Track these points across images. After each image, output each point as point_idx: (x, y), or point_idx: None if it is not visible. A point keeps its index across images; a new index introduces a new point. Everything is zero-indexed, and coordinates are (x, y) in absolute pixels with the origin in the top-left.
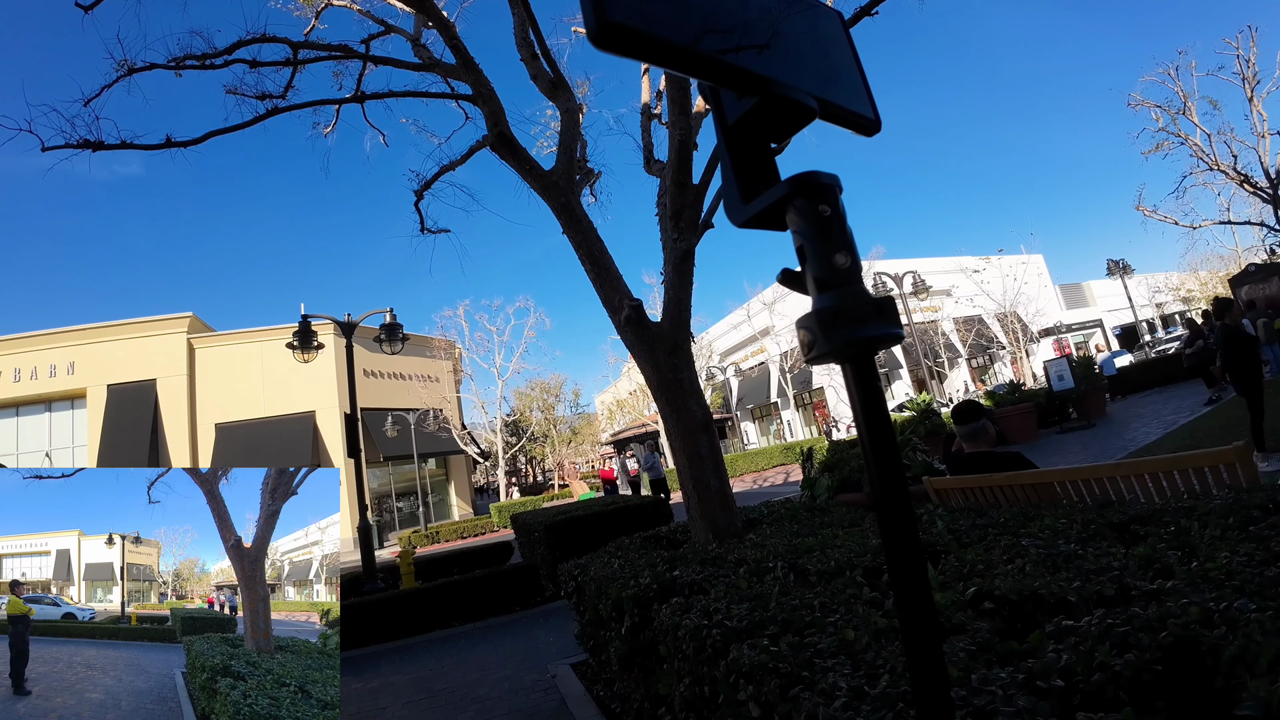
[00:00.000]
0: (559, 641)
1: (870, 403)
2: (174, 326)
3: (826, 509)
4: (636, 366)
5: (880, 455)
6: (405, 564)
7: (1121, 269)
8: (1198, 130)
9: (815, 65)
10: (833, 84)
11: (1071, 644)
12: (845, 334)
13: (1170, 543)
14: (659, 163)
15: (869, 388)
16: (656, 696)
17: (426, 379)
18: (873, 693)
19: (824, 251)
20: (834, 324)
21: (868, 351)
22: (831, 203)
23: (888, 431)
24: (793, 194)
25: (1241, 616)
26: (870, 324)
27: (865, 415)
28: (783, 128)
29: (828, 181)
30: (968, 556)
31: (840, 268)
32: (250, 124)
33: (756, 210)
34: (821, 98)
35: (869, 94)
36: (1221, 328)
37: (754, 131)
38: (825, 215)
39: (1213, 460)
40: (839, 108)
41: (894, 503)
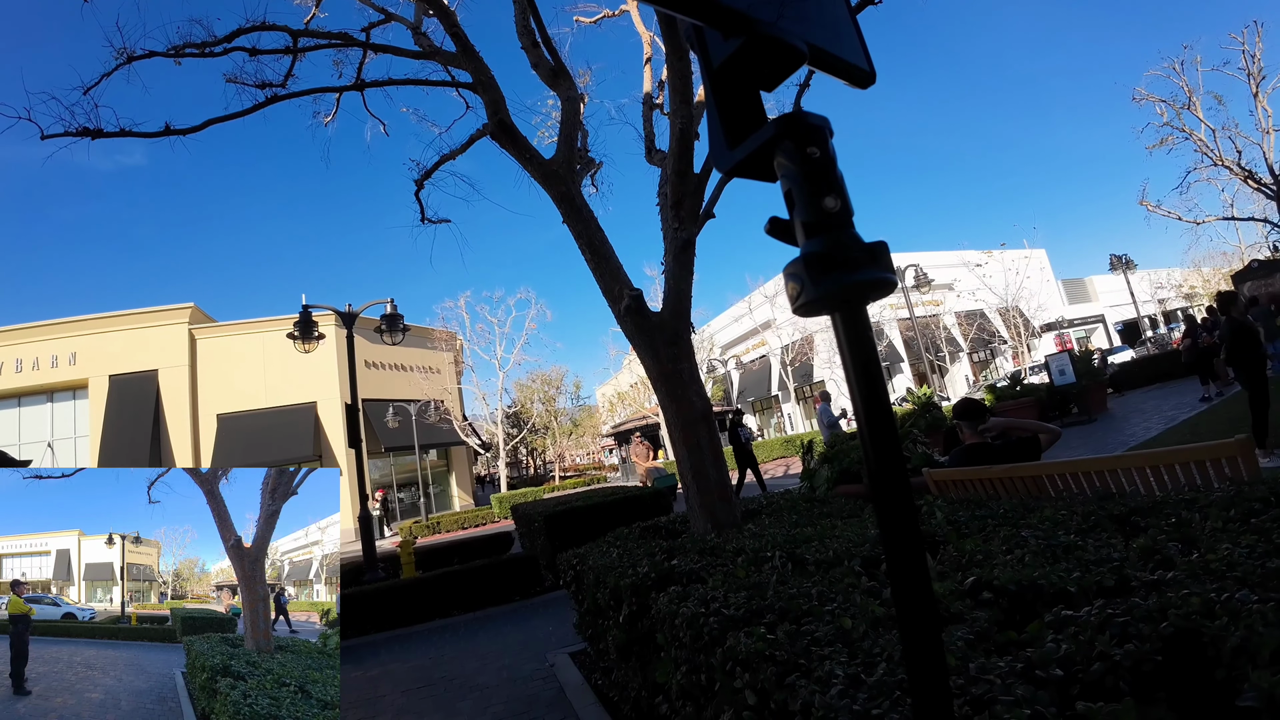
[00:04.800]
0: (558, 631)
1: (861, 355)
2: (175, 317)
3: (826, 500)
4: (637, 358)
5: (872, 413)
6: (406, 554)
7: (1124, 264)
8: (1202, 125)
9: (807, 9)
10: (824, 31)
11: (1071, 634)
12: (835, 279)
13: (1171, 534)
14: (660, 153)
15: (860, 339)
16: (654, 685)
17: (427, 370)
18: (869, 681)
19: (812, 195)
20: (823, 269)
21: (859, 298)
22: (820, 145)
23: (879, 385)
24: (780, 135)
25: (1243, 608)
26: (863, 269)
27: (856, 369)
28: (771, 72)
29: (817, 123)
30: (966, 547)
31: (830, 210)
32: (250, 112)
33: (743, 155)
34: (812, 43)
35: (863, 45)
36: (1228, 321)
37: (741, 75)
38: (814, 157)
39: (1214, 454)
40: (831, 55)
41: (887, 458)
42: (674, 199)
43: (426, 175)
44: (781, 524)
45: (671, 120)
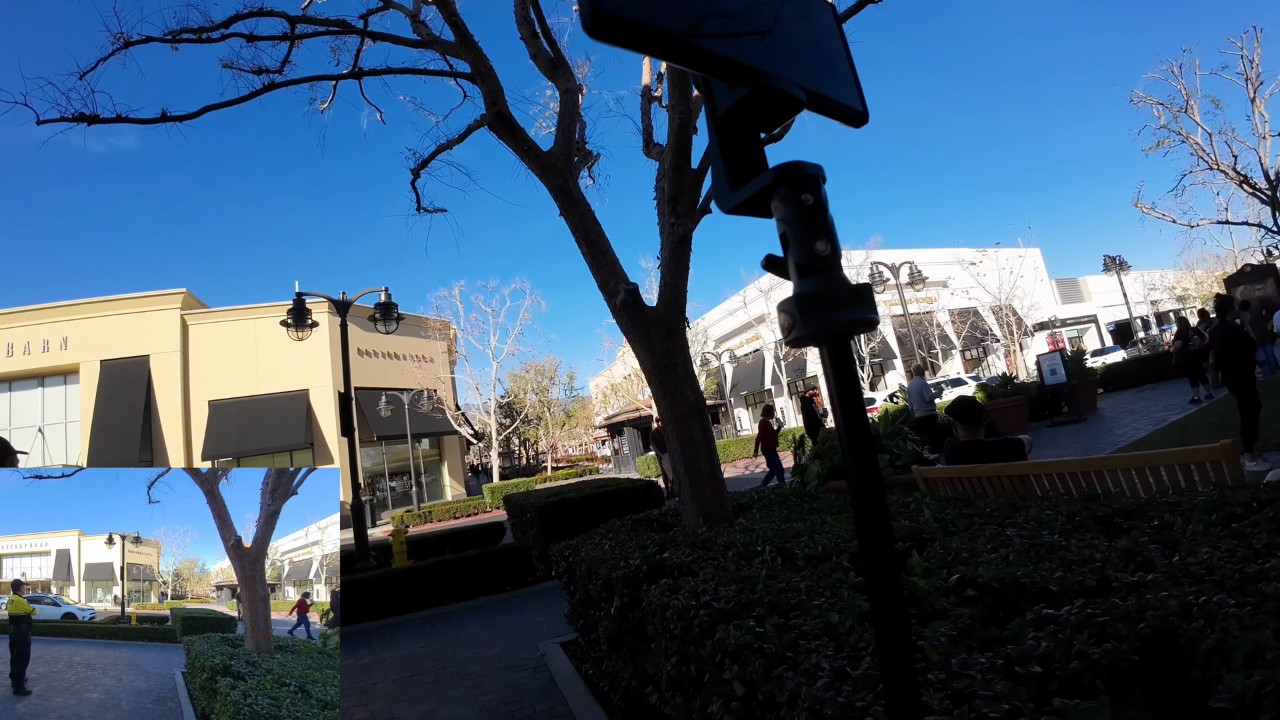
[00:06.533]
0: (549, 621)
1: (845, 384)
2: (168, 303)
3: (816, 496)
4: (631, 351)
5: (853, 433)
6: (398, 543)
7: (1118, 265)
8: (1199, 129)
9: (805, 57)
10: (822, 75)
11: (1051, 632)
12: (823, 318)
13: (1153, 537)
14: (658, 146)
15: (844, 370)
16: (644, 675)
17: (421, 359)
18: (854, 674)
19: (806, 239)
20: (813, 308)
21: (845, 335)
22: (814, 192)
23: (860, 410)
24: (777, 183)
25: (1220, 611)
26: (848, 309)
27: (840, 395)
28: (772, 117)
29: (811, 172)
30: (953, 544)
31: (820, 254)
32: (247, 99)
33: (743, 198)
34: (810, 89)
35: (858, 86)
36: (1221, 324)
37: (744, 121)
38: (808, 204)
39: (1199, 457)
40: (827, 99)
41: (865, 474)
42: (671, 193)
43: (423, 164)
44: (772, 518)
45: (670, 115)
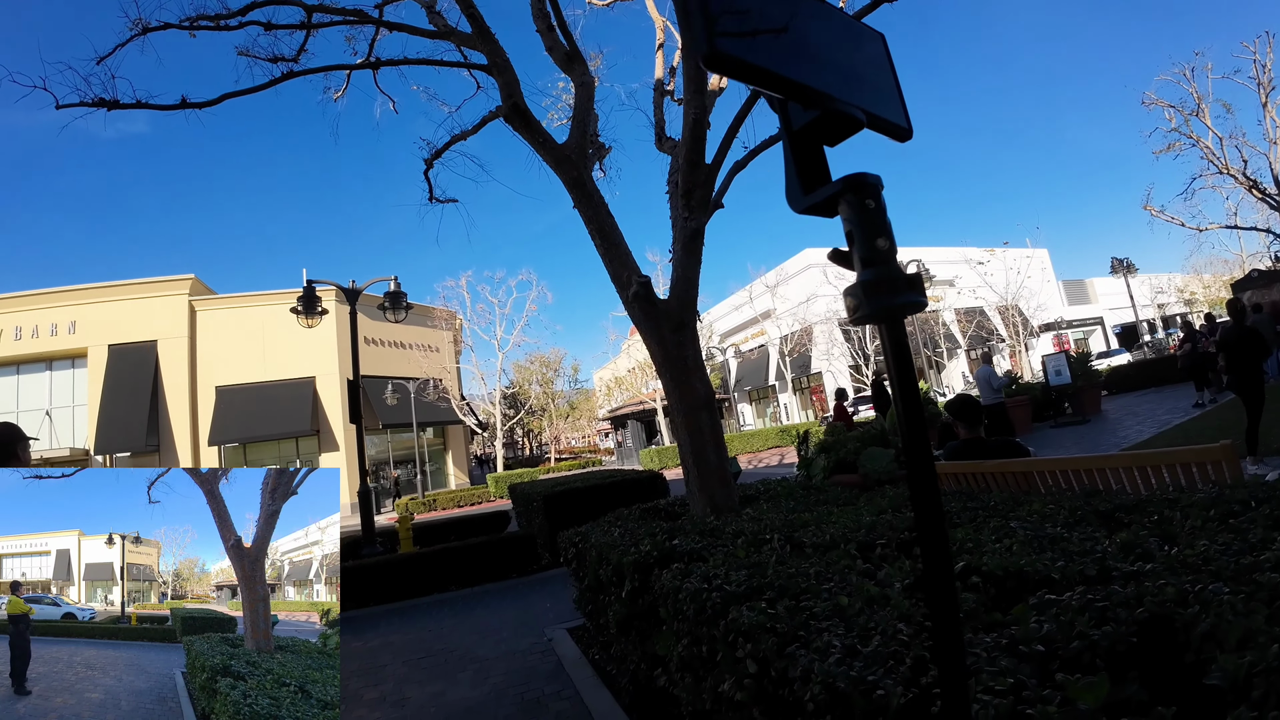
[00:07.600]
0: (555, 608)
1: (900, 355)
2: (176, 288)
3: (822, 488)
4: (637, 343)
5: (907, 397)
6: (404, 529)
7: (1125, 268)
8: (1210, 133)
9: (864, 82)
10: (876, 98)
11: (1053, 615)
12: (883, 300)
13: (1152, 530)
14: (670, 140)
15: (900, 343)
16: (654, 657)
17: (427, 348)
18: (865, 651)
19: (869, 236)
20: (875, 293)
21: (900, 314)
22: (875, 198)
23: (911, 377)
24: (845, 190)
25: (1215, 598)
26: (903, 294)
27: (896, 365)
28: (836, 134)
29: (873, 181)
30: (958, 536)
31: (881, 249)
32: (265, 87)
33: (815, 201)
34: (867, 110)
35: (904, 105)
36: (1236, 326)
37: (814, 136)
38: (870, 208)
39: (1199, 457)
40: (880, 118)
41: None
42: (684, 188)
43: (437, 155)
44: (779, 509)
45: (685, 109)
